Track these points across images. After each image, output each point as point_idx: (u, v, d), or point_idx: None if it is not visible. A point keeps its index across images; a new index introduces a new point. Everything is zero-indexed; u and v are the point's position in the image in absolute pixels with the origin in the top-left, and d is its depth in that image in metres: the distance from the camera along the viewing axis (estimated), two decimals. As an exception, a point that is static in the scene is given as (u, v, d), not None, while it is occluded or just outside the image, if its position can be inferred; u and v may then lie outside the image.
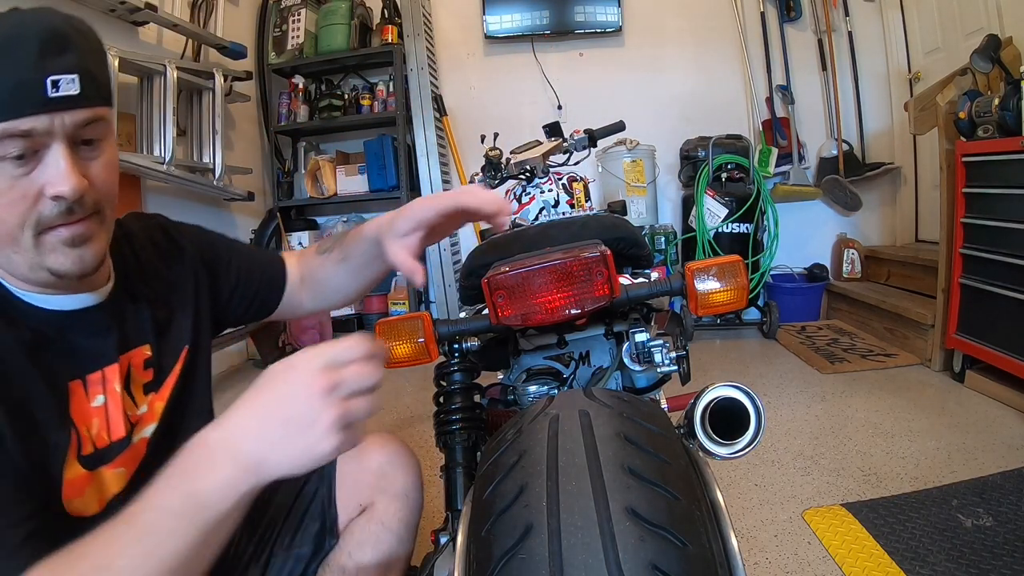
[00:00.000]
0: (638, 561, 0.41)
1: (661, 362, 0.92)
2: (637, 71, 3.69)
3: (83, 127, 0.57)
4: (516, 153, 1.45)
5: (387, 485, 0.85)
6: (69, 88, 0.55)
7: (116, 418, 0.65)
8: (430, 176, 3.43)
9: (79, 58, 0.57)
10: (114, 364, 0.66)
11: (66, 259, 0.59)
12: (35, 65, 0.54)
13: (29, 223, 0.56)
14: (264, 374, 0.49)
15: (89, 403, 0.63)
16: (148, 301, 0.73)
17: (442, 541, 0.81)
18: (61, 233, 0.58)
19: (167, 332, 0.74)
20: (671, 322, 1.30)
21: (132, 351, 0.69)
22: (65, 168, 0.56)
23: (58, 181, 0.56)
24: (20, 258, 0.58)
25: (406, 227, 0.70)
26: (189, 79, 2.86)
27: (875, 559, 1.25)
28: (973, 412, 1.99)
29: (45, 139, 0.55)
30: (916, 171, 3.40)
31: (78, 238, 0.59)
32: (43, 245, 0.58)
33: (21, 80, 0.53)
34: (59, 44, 0.56)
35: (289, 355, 0.49)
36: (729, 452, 0.61)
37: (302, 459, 0.46)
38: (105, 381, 0.65)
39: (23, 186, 0.55)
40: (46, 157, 0.56)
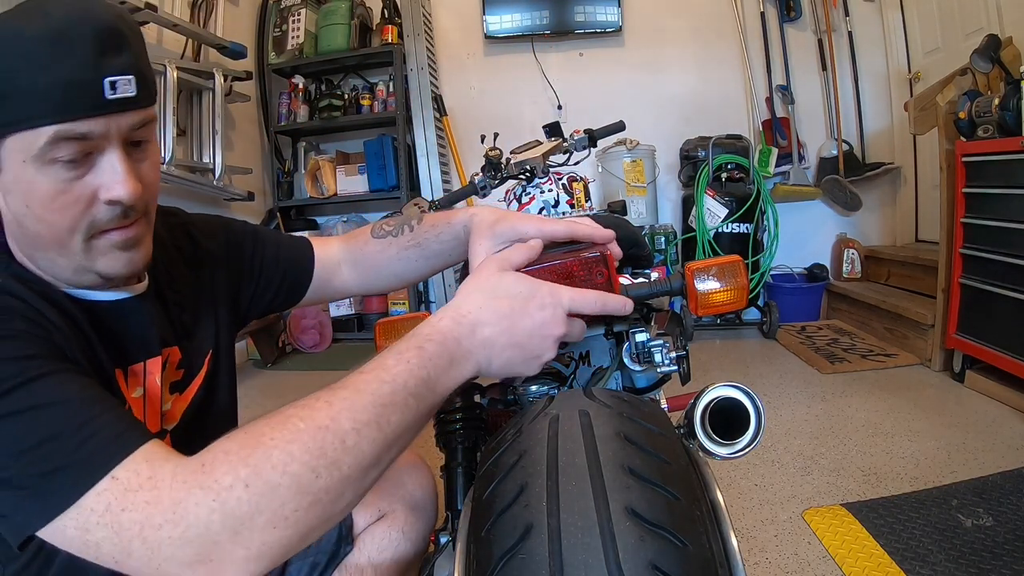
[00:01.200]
0: (638, 561, 0.41)
1: (661, 362, 0.92)
2: (637, 71, 3.70)
3: (136, 129, 0.56)
4: (516, 153, 1.45)
5: (405, 494, 0.86)
6: (126, 90, 0.53)
7: (153, 411, 0.65)
8: (430, 176, 3.43)
9: (134, 58, 0.55)
10: (157, 357, 0.65)
11: (117, 262, 0.58)
12: (93, 64, 0.51)
13: (81, 228, 0.55)
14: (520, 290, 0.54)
15: (130, 394, 0.62)
16: (175, 305, 0.72)
17: (442, 541, 0.81)
18: (113, 237, 0.57)
19: (193, 336, 0.73)
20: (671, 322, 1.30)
21: (168, 349, 0.69)
22: (123, 173, 0.55)
23: (116, 186, 0.54)
24: (65, 261, 0.57)
25: (507, 237, 0.68)
26: (189, 79, 2.86)
27: (875, 559, 1.25)
28: (973, 412, 1.99)
29: (100, 142, 0.53)
30: (916, 171, 3.40)
31: (130, 241, 0.58)
32: (94, 249, 0.57)
33: (78, 80, 0.51)
34: (116, 42, 0.53)
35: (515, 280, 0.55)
36: (729, 452, 0.61)
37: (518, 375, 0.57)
38: (147, 373, 0.64)
39: (76, 190, 0.54)
40: (100, 161, 0.54)
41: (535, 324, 0.54)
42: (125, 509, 0.41)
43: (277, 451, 0.42)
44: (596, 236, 0.67)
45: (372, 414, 0.46)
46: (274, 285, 0.84)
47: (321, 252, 0.87)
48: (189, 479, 0.41)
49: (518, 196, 1.42)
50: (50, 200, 0.53)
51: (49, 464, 0.43)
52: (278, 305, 0.87)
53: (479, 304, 0.54)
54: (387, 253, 0.84)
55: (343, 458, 0.44)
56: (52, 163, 0.52)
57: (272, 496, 0.41)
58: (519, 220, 0.68)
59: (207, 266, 0.78)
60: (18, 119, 0.50)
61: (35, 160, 0.51)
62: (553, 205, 1.37)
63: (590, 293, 0.56)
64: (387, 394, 0.47)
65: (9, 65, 0.49)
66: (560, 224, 0.67)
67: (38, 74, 0.50)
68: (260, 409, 1.18)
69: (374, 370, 0.48)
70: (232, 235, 0.83)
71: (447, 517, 0.86)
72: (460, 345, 0.52)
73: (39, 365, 0.47)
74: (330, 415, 0.44)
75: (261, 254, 0.83)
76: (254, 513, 0.41)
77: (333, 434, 0.44)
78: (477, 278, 0.56)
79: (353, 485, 0.45)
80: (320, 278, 0.86)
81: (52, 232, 0.55)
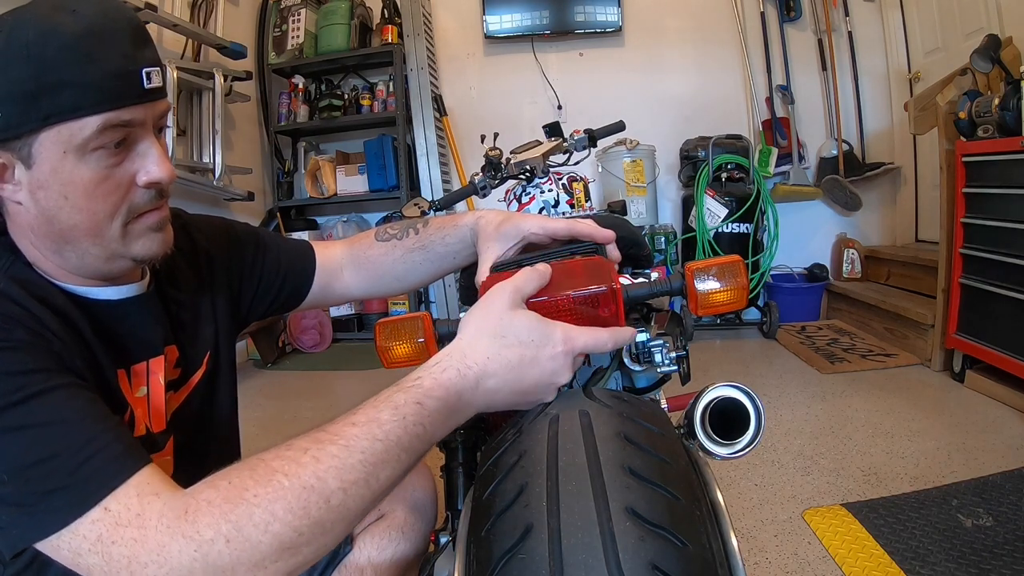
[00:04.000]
0: (638, 561, 0.41)
1: (661, 362, 0.92)
2: (637, 71, 3.69)
3: (162, 117, 0.60)
4: (516, 153, 1.45)
5: (405, 494, 0.85)
6: (156, 80, 0.57)
7: (158, 410, 0.65)
8: (430, 176, 3.43)
9: (155, 51, 0.59)
10: (159, 356, 0.66)
11: (152, 243, 0.61)
12: (132, 56, 0.55)
13: (121, 212, 0.58)
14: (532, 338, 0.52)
15: (133, 393, 0.63)
16: (175, 303, 0.73)
17: (442, 541, 0.81)
18: (149, 219, 0.60)
19: (192, 335, 0.74)
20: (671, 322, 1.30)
21: (168, 347, 0.69)
22: (159, 156, 0.58)
23: (155, 169, 0.58)
24: (99, 250, 0.59)
25: (512, 236, 0.70)
26: (189, 79, 2.86)
27: (875, 559, 1.25)
28: (973, 412, 1.99)
29: (139, 130, 0.57)
30: (916, 171, 3.40)
31: (163, 221, 0.62)
32: (130, 234, 0.59)
33: (122, 71, 0.54)
34: (144, 37, 0.57)
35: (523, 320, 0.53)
36: (729, 452, 0.61)
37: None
38: (150, 372, 0.65)
39: (117, 176, 0.57)
40: (137, 147, 0.57)
41: (544, 373, 0.53)
42: (115, 543, 0.42)
43: (259, 510, 0.42)
44: (597, 236, 0.68)
45: (361, 473, 0.45)
46: (274, 289, 0.85)
47: (323, 257, 0.87)
48: (173, 525, 0.42)
49: (518, 196, 1.42)
50: (94, 187, 0.55)
51: (47, 484, 0.44)
52: (277, 309, 0.87)
53: (487, 354, 0.52)
54: (391, 256, 0.84)
55: (327, 517, 0.44)
56: (94, 151, 0.54)
57: (253, 551, 0.42)
58: (522, 219, 0.69)
59: (208, 267, 0.79)
60: (63, 110, 0.52)
61: (77, 150, 0.53)
62: (553, 205, 1.37)
63: (603, 334, 0.55)
64: (379, 452, 0.46)
65: (53, 58, 0.51)
66: (561, 223, 0.68)
67: (84, 67, 0.52)
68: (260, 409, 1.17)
69: (367, 423, 0.47)
70: (234, 237, 0.84)
71: (447, 517, 0.86)
72: (461, 398, 0.51)
73: (41, 380, 0.48)
74: (317, 474, 0.44)
75: (263, 258, 0.84)
76: (235, 564, 0.41)
77: (319, 494, 0.43)
78: (487, 316, 0.54)
79: (337, 536, 0.46)
80: (321, 283, 0.87)
81: (91, 220, 0.57)
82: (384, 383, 0.52)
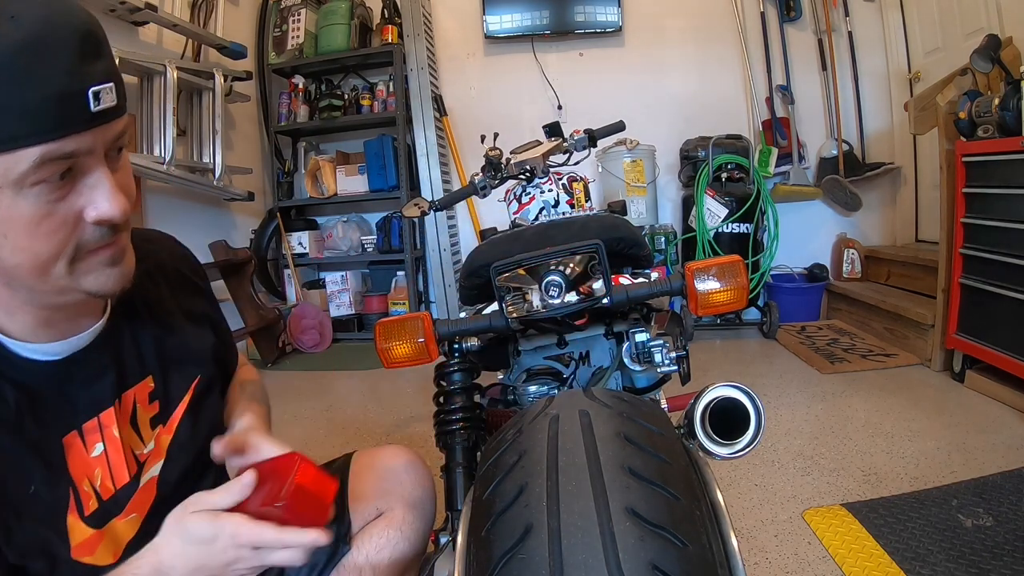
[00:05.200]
0: (638, 561, 0.41)
1: (661, 362, 0.92)
2: (637, 71, 3.70)
3: (117, 140, 0.53)
4: (516, 153, 1.45)
5: (404, 493, 0.85)
6: (109, 100, 0.49)
7: (118, 464, 0.62)
8: (430, 176, 3.44)
9: (110, 62, 0.50)
10: (109, 409, 0.62)
11: (108, 279, 0.55)
12: (77, 73, 0.47)
13: (67, 252, 0.51)
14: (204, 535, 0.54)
15: (89, 454, 0.59)
16: (155, 325, 0.69)
17: (442, 541, 0.81)
18: (102, 255, 0.54)
19: (176, 360, 0.70)
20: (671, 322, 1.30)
21: (135, 386, 0.65)
22: (110, 189, 0.51)
23: (105, 206, 0.51)
24: (47, 287, 0.53)
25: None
26: (189, 79, 2.86)
27: (875, 559, 1.25)
28: (973, 412, 1.99)
29: (87, 159, 0.50)
30: (916, 171, 3.40)
31: (117, 256, 0.56)
32: (79, 271, 0.53)
33: (63, 93, 0.46)
34: (94, 45, 0.49)
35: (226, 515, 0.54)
36: (729, 452, 0.61)
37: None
38: (102, 428, 0.61)
39: (61, 212, 0.50)
40: (86, 178, 0.50)
41: (225, 563, 0.54)
42: None
43: None
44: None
45: None
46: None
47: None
48: None
49: (518, 196, 1.42)
50: (35, 225, 0.49)
51: None
52: None
53: (175, 552, 0.54)
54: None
55: None
56: (34, 186, 0.47)
57: None
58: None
59: (201, 297, 0.79)
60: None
61: (14, 185, 0.47)
62: (553, 205, 1.37)
63: (267, 532, 0.54)
64: None
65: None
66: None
67: (17, 90, 0.44)
68: (260, 409, 1.10)
69: None
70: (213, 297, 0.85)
71: (447, 517, 0.86)
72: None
73: None
74: None
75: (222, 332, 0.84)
76: None
77: None
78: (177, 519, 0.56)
79: None
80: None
81: (34, 261, 0.50)
82: (384, 383, 0.52)
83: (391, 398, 2.57)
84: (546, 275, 0.79)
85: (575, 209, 1.38)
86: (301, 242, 3.72)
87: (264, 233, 3.67)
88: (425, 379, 2.46)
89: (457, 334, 0.87)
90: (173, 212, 3.01)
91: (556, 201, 1.37)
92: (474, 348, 0.91)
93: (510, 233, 1.17)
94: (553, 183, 1.39)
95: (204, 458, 0.71)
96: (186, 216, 3.09)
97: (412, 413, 2.38)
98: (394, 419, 2.34)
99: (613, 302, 0.82)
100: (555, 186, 1.38)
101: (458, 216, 3.81)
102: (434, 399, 0.93)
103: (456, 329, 0.86)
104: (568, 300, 0.79)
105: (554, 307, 0.80)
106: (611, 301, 0.81)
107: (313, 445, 2.07)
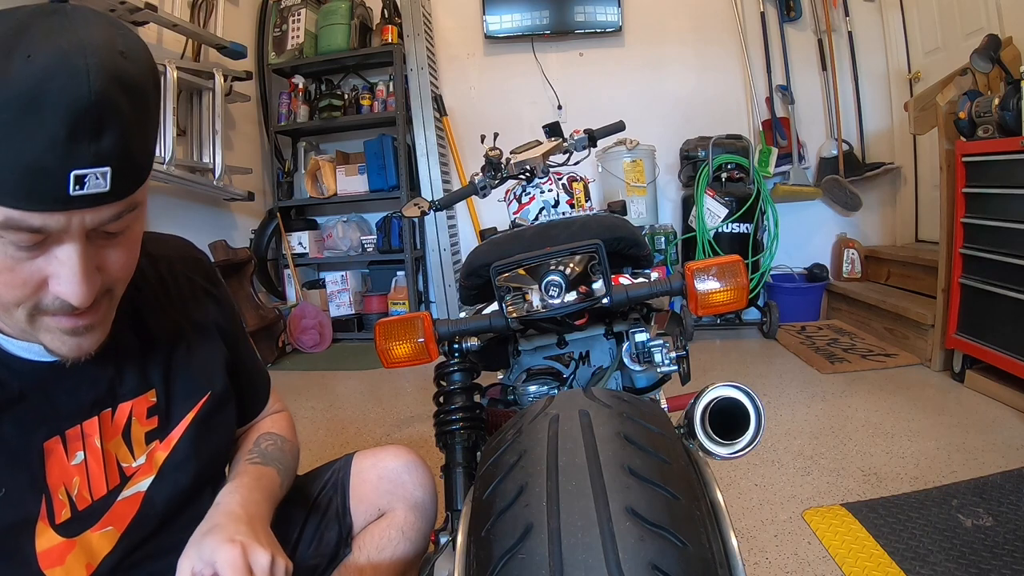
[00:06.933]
0: (638, 561, 0.41)
1: (661, 362, 0.92)
2: (637, 71, 3.70)
3: (108, 223, 0.48)
4: (516, 153, 1.45)
5: (406, 493, 0.85)
6: (95, 185, 0.44)
7: (97, 475, 0.59)
8: (430, 176, 3.44)
9: (119, 139, 0.44)
10: (94, 418, 0.60)
11: (63, 345, 0.52)
12: (59, 151, 0.42)
13: (26, 306, 0.49)
14: None
15: (69, 461, 0.57)
16: (164, 337, 0.67)
17: (442, 541, 0.81)
18: (62, 322, 0.51)
19: (184, 375, 0.68)
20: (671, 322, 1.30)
21: (134, 399, 0.63)
22: (77, 273, 0.47)
23: (64, 288, 0.48)
24: (11, 322, 0.52)
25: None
26: (189, 79, 2.86)
27: (875, 559, 1.25)
28: (973, 412, 1.99)
29: (59, 235, 0.46)
30: (916, 171, 3.40)
31: (80, 329, 0.52)
32: (38, 325, 0.51)
33: (36, 167, 0.42)
34: (96, 122, 0.43)
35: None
36: (729, 452, 0.61)
37: None
38: (84, 436, 0.59)
39: (25, 271, 0.47)
40: (56, 251, 0.47)
41: None
42: None
43: None
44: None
45: None
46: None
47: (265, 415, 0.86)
48: None
49: (518, 196, 1.42)
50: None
51: None
52: None
53: None
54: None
55: None
56: (1, 238, 0.45)
57: None
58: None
59: (214, 308, 0.75)
60: None
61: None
62: (553, 205, 1.37)
63: None
64: None
65: None
66: None
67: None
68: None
69: None
70: (236, 308, 0.81)
71: (447, 517, 0.86)
72: None
73: None
74: None
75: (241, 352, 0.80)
76: None
77: None
78: None
79: None
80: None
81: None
82: (384, 383, 0.52)
83: (391, 398, 2.58)
84: (546, 275, 0.79)
85: (575, 209, 1.38)
86: (301, 242, 3.72)
87: (264, 233, 3.67)
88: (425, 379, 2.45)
89: (457, 334, 0.87)
90: (173, 212, 3.01)
91: (556, 201, 1.37)
92: (474, 348, 0.91)
93: (510, 233, 1.17)
94: (553, 183, 1.39)
95: (204, 478, 0.69)
96: (186, 216, 3.09)
97: (412, 413, 2.38)
98: (394, 419, 2.34)
99: (613, 302, 0.82)
100: (555, 186, 1.38)
101: (458, 216, 3.81)
102: (434, 399, 0.93)
103: (456, 329, 0.86)
104: (568, 300, 0.79)
105: (554, 307, 0.80)
106: (611, 301, 0.81)
107: (313, 445, 2.07)
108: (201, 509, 0.65)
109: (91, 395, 0.60)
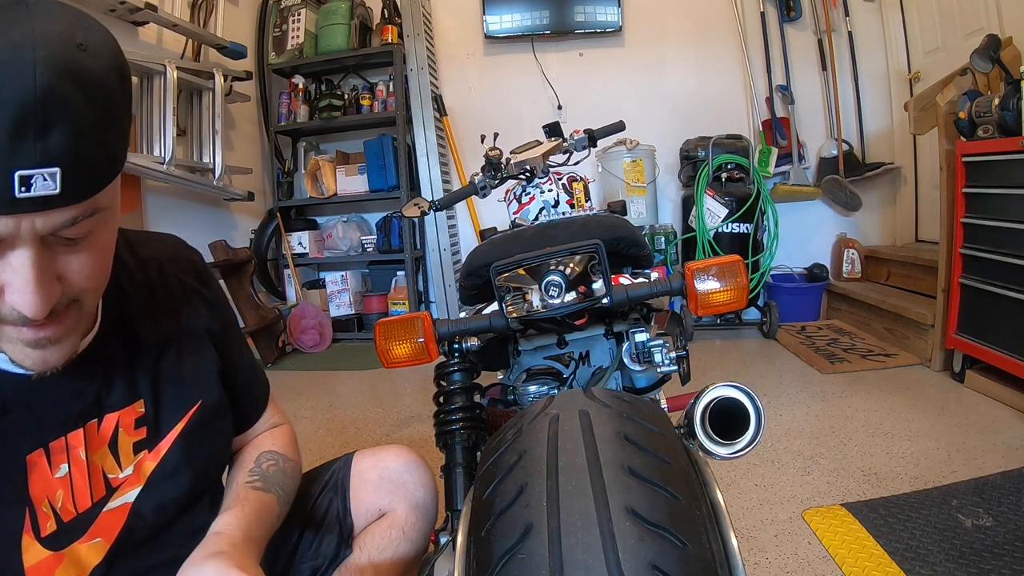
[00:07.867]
0: (638, 561, 0.41)
1: (661, 362, 0.92)
2: (637, 71, 3.70)
3: (64, 228, 0.45)
4: (516, 153, 1.45)
5: (407, 493, 0.84)
6: (44, 187, 0.41)
7: (82, 487, 0.58)
8: (430, 176, 3.44)
9: (70, 138, 0.42)
10: (78, 430, 0.58)
11: (26, 358, 0.50)
12: (2, 150, 0.39)
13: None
14: None
15: (53, 474, 0.56)
16: (153, 345, 0.65)
17: (442, 541, 0.81)
18: (23, 333, 0.48)
19: (174, 384, 0.66)
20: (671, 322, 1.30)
21: (121, 410, 0.61)
22: (30, 281, 0.44)
23: (16, 298, 0.45)
24: None
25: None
26: (189, 79, 2.86)
27: (875, 559, 1.25)
28: (973, 412, 1.99)
29: (11, 240, 0.43)
30: (916, 171, 3.40)
31: (42, 341, 0.49)
32: (1, 335, 0.48)
33: None
34: (41, 117, 0.40)
35: None
36: (729, 452, 0.61)
37: None
38: (69, 448, 0.57)
39: None
40: (10, 257, 0.44)
41: None
42: None
43: None
44: None
45: None
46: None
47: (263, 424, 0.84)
48: None
49: (518, 196, 1.42)
50: None
51: None
52: None
53: None
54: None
55: None
56: None
57: None
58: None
59: (206, 312, 0.73)
60: None
61: None
62: (553, 205, 1.37)
63: None
64: None
65: None
66: None
67: None
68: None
69: None
70: (230, 309, 0.79)
71: (447, 517, 0.86)
72: None
73: None
74: None
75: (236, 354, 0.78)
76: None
77: None
78: None
79: None
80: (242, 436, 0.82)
81: None
82: (384, 383, 0.52)
83: (391, 398, 2.57)
84: (546, 275, 0.79)
85: (575, 209, 1.38)
86: (301, 242, 3.73)
87: (264, 233, 3.67)
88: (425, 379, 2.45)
89: (457, 334, 0.87)
90: (173, 212, 3.01)
91: (556, 201, 1.37)
92: (474, 348, 0.91)
93: (510, 233, 1.17)
94: (553, 183, 1.39)
95: (199, 488, 0.67)
96: (186, 216, 3.10)
97: (412, 413, 2.38)
98: (394, 419, 2.34)
99: (613, 302, 0.82)
100: (555, 186, 1.38)
101: (458, 216, 3.81)
102: (434, 399, 0.93)
103: (456, 329, 0.87)
104: (568, 300, 0.79)
105: (554, 307, 0.80)
106: (611, 301, 0.81)
107: (313, 445, 2.07)
108: (197, 520, 0.64)
109: (77, 407, 0.58)
